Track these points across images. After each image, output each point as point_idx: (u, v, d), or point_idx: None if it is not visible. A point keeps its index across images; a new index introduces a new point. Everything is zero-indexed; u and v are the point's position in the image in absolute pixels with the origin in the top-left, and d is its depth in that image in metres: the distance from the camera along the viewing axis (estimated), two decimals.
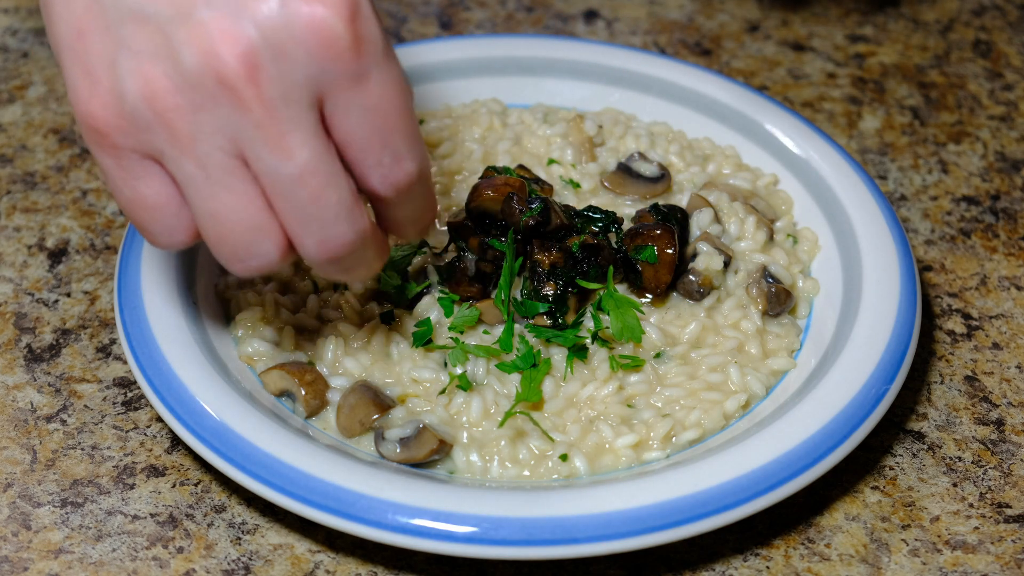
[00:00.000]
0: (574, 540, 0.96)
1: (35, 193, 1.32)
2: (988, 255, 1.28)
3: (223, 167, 0.91)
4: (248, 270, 0.95)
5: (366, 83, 0.91)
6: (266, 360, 1.11)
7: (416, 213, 0.99)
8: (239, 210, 0.92)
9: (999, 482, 1.09)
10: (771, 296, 1.14)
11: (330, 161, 0.91)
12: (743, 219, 1.19)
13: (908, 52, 1.52)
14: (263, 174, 0.91)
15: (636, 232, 1.13)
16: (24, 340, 1.18)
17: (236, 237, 0.93)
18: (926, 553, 1.04)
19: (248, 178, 0.92)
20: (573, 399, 1.07)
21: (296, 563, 1.02)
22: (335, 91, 0.90)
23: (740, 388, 1.09)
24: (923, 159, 1.38)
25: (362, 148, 0.93)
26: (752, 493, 0.99)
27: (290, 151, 0.90)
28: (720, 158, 1.28)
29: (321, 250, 0.94)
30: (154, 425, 1.12)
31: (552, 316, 1.10)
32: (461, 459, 1.04)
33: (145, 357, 1.06)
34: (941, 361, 1.19)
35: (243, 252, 0.94)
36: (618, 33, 1.54)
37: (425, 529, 0.96)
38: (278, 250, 0.94)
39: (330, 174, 0.91)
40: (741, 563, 1.03)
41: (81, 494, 1.06)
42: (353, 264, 0.97)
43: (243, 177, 0.91)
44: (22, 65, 1.47)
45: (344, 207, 0.93)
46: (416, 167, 0.95)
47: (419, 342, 1.09)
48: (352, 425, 1.06)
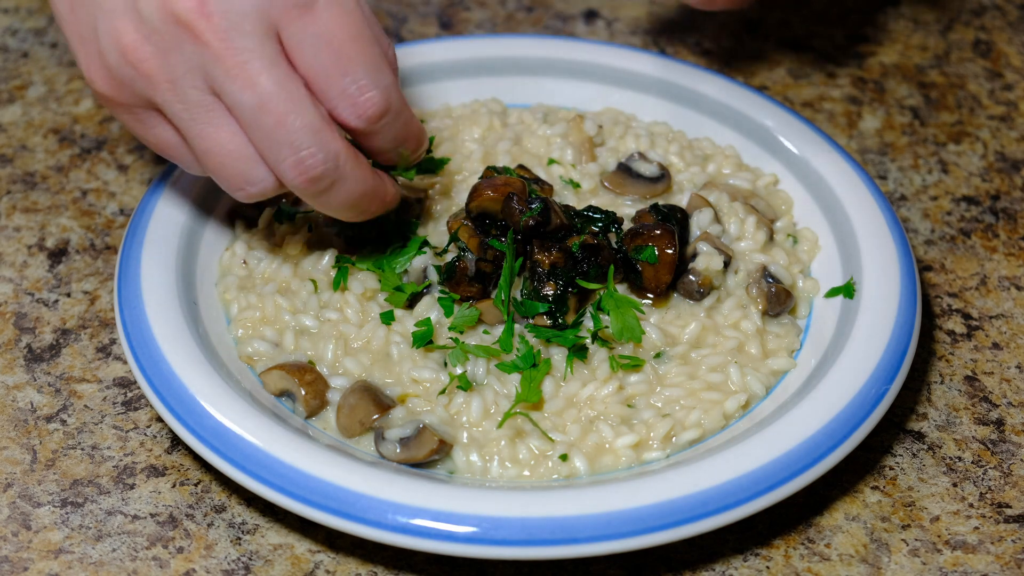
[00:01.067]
0: (574, 540, 0.96)
1: (35, 193, 1.32)
2: (988, 255, 1.28)
3: (202, 105, 0.96)
4: (251, 196, 1.01)
5: (314, 11, 0.95)
6: (266, 360, 1.11)
7: (394, 142, 1.02)
8: (225, 143, 0.97)
9: (999, 482, 1.09)
10: (771, 296, 1.14)
11: (292, 88, 0.95)
12: (743, 219, 1.19)
13: (908, 52, 1.52)
14: (232, 106, 0.96)
15: (636, 232, 1.13)
16: (24, 340, 1.18)
17: (230, 168, 0.99)
18: (926, 553, 1.04)
19: (225, 111, 0.97)
20: (573, 399, 1.07)
21: (296, 563, 1.02)
22: (285, 21, 0.95)
23: (740, 388, 1.09)
24: (923, 159, 1.38)
25: (323, 78, 0.96)
26: (752, 493, 0.99)
27: (251, 80, 0.94)
28: (720, 158, 1.28)
29: (297, 174, 0.97)
30: (154, 425, 1.12)
31: (552, 316, 1.10)
32: (461, 459, 1.04)
33: (145, 357, 1.06)
34: (941, 361, 1.19)
35: (241, 181, 0.99)
36: (618, 33, 1.54)
37: (425, 529, 0.96)
38: (271, 174, 0.99)
39: (292, 100, 0.95)
40: (741, 563, 1.03)
41: (81, 494, 1.06)
42: (339, 190, 1.00)
43: (222, 111, 0.97)
44: (22, 65, 1.47)
45: (310, 130, 0.96)
46: (381, 95, 0.98)
47: (419, 342, 1.09)
48: (352, 425, 1.06)
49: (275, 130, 0.96)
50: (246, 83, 0.95)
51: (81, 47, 1.00)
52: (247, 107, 0.95)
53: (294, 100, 0.95)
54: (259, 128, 0.96)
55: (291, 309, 1.13)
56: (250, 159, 0.98)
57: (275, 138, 0.96)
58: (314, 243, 1.18)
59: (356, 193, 1.01)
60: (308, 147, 0.96)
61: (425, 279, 1.14)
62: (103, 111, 1.41)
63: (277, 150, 0.97)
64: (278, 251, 1.18)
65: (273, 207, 1.21)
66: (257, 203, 1.21)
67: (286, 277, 1.16)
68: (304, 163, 0.97)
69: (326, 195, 1.00)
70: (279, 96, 0.95)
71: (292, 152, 0.96)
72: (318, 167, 0.97)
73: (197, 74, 0.95)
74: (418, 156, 1.07)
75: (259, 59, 0.94)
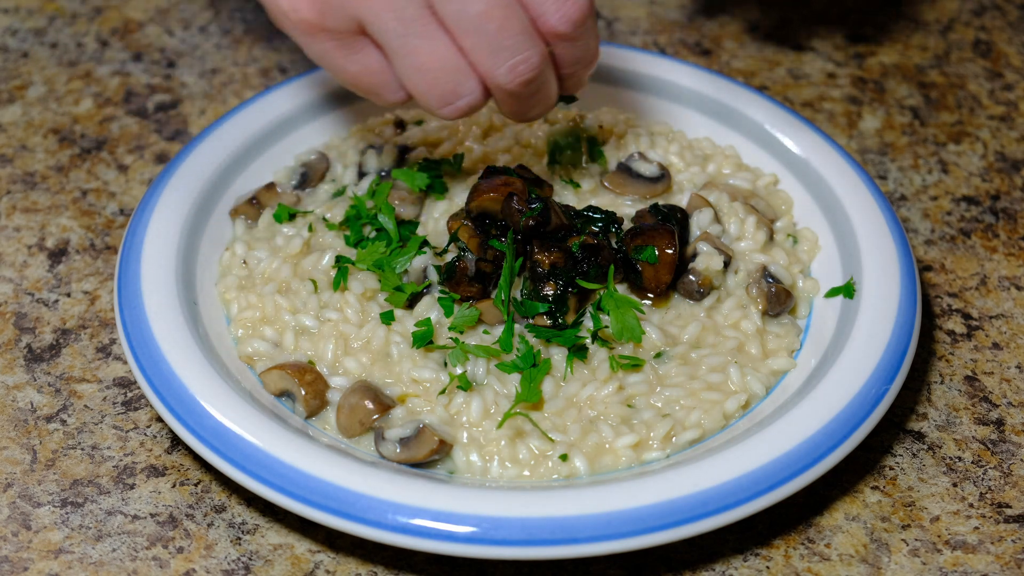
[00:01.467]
0: (574, 540, 0.96)
1: (35, 193, 1.32)
2: (988, 255, 1.28)
3: (419, 20, 1.00)
4: (458, 110, 1.05)
5: None
6: (266, 360, 1.11)
7: (584, 53, 1.06)
8: (440, 56, 1.02)
9: (999, 482, 1.09)
10: (771, 296, 1.14)
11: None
12: (743, 219, 1.19)
13: (908, 52, 1.52)
14: (451, 16, 1.00)
15: (636, 232, 1.13)
16: (24, 340, 1.18)
17: (443, 82, 1.03)
18: (926, 553, 1.04)
19: (440, 26, 1.01)
20: (573, 399, 1.07)
21: (296, 563, 1.02)
22: None
23: (740, 388, 1.09)
24: (923, 159, 1.38)
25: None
26: (752, 493, 0.99)
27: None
28: (720, 158, 1.28)
29: (513, 77, 1.02)
30: (154, 425, 1.12)
31: (552, 316, 1.10)
32: (461, 459, 1.04)
33: (145, 357, 1.06)
34: (941, 361, 1.19)
35: (451, 95, 1.04)
36: (618, 33, 1.54)
37: (425, 529, 0.96)
38: (479, 86, 1.04)
39: (509, 5, 1.00)
40: (741, 563, 1.03)
41: (81, 494, 1.06)
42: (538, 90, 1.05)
43: (437, 26, 1.01)
44: (22, 65, 1.47)
45: (527, 33, 1.02)
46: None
47: (419, 342, 1.09)
48: (352, 425, 1.06)
49: (496, 35, 1.00)
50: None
51: None
52: (470, 16, 1.00)
53: (511, 7, 1.00)
54: (480, 35, 1.00)
55: (291, 309, 1.13)
56: (462, 71, 1.02)
57: (496, 42, 1.01)
58: (314, 243, 1.18)
59: (551, 96, 1.08)
60: (525, 51, 1.02)
61: (425, 279, 1.14)
62: (103, 111, 1.41)
63: (496, 55, 1.01)
64: (278, 251, 1.18)
65: (273, 207, 1.21)
66: (257, 203, 1.21)
67: (286, 277, 1.16)
68: (519, 67, 1.02)
69: (531, 98, 1.06)
70: (500, 2, 1.00)
71: (510, 56, 1.02)
72: (532, 71, 1.03)
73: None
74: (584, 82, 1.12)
75: None
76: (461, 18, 1.00)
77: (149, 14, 1.53)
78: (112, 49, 1.48)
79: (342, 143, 1.28)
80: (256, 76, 1.46)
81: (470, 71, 1.03)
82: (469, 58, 1.02)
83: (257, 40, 1.50)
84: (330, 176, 1.26)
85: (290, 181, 1.24)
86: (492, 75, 1.03)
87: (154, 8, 1.54)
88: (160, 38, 1.50)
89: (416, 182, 1.20)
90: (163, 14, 1.53)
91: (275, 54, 1.48)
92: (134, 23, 1.52)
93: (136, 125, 1.39)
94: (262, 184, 1.24)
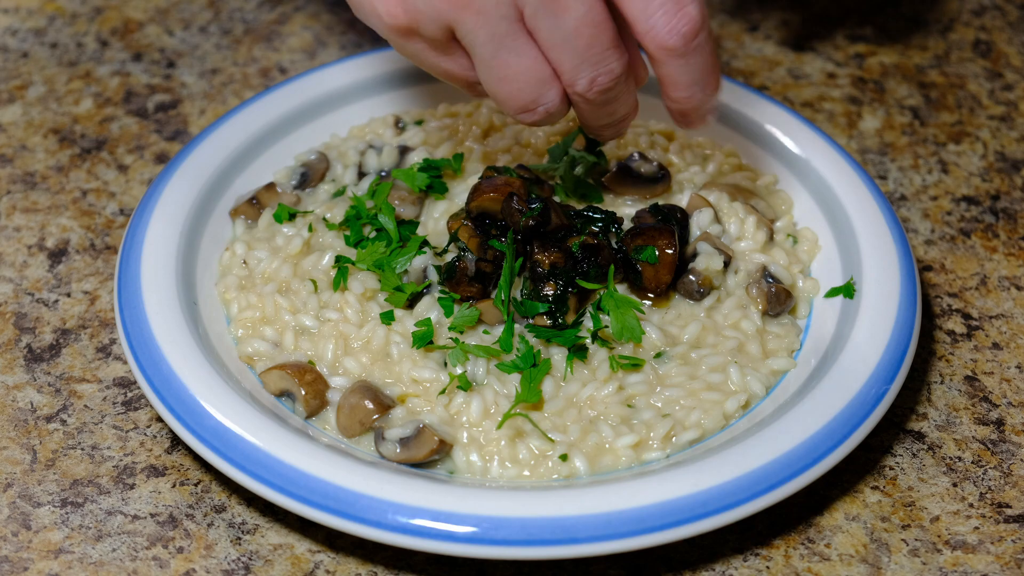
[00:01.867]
0: (574, 540, 0.96)
1: (35, 193, 1.32)
2: (988, 255, 1.28)
3: (510, 32, 1.01)
4: (538, 117, 1.06)
5: None
6: (266, 360, 1.11)
7: (700, 73, 1.05)
8: (527, 67, 1.03)
9: (999, 482, 1.09)
10: (771, 296, 1.14)
11: (601, 9, 1.00)
12: (743, 219, 1.19)
13: (908, 52, 1.52)
14: (543, 30, 1.01)
15: (636, 232, 1.13)
16: (24, 340, 1.18)
17: (527, 92, 1.04)
18: (926, 553, 1.04)
19: (529, 38, 1.02)
20: (573, 399, 1.07)
21: (296, 563, 1.02)
22: None
23: (740, 388, 1.09)
24: (923, 159, 1.38)
25: None
26: (752, 493, 0.99)
27: (566, 5, 1.00)
28: (720, 158, 1.28)
29: (592, 86, 1.03)
30: (154, 425, 1.12)
31: (552, 316, 1.10)
32: (461, 459, 1.04)
33: (145, 357, 1.06)
34: (941, 361, 1.19)
35: (532, 103, 1.05)
36: None
37: (425, 529, 0.96)
38: (560, 95, 1.05)
39: (601, 21, 1.01)
40: (741, 563, 1.03)
41: (81, 494, 1.06)
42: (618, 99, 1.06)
43: (526, 37, 1.02)
44: (22, 65, 1.47)
45: (613, 46, 1.02)
46: (699, 11, 1.01)
47: (419, 342, 1.09)
48: (352, 425, 1.06)
49: (584, 50, 1.01)
50: (562, 7, 1.00)
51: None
52: (562, 31, 1.00)
53: (602, 22, 1.01)
54: (569, 49, 1.01)
55: (291, 309, 1.13)
56: (546, 81, 1.04)
57: (583, 57, 1.02)
58: (314, 243, 1.18)
59: (629, 105, 1.09)
60: (608, 63, 1.02)
61: (425, 279, 1.14)
62: (103, 111, 1.41)
63: (580, 69, 1.02)
64: (278, 251, 1.18)
65: (273, 207, 1.21)
66: (257, 203, 1.21)
67: (286, 277, 1.16)
68: (601, 77, 1.03)
69: (606, 106, 1.07)
70: (592, 19, 1.00)
71: (594, 69, 1.02)
72: (611, 81, 1.03)
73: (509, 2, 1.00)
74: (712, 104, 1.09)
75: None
76: (553, 33, 1.01)
77: (149, 14, 1.53)
78: (112, 49, 1.48)
79: (342, 143, 1.28)
80: (256, 76, 1.46)
81: (553, 80, 1.04)
82: (553, 67, 1.04)
83: (257, 40, 1.50)
84: (330, 176, 1.26)
85: (290, 181, 1.24)
86: (572, 84, 1.04)
87: (154, 8, 1.54)
88: (160, 38, 1.50)
89: (416, 182, 1.20)
90: (163, 14, 1.53)
91: (275, 54, 1.48)
92: (134, 23, 1.52)
93: (136, 125, 1.39)
94: (262, 184, 1.24)
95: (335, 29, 1.51)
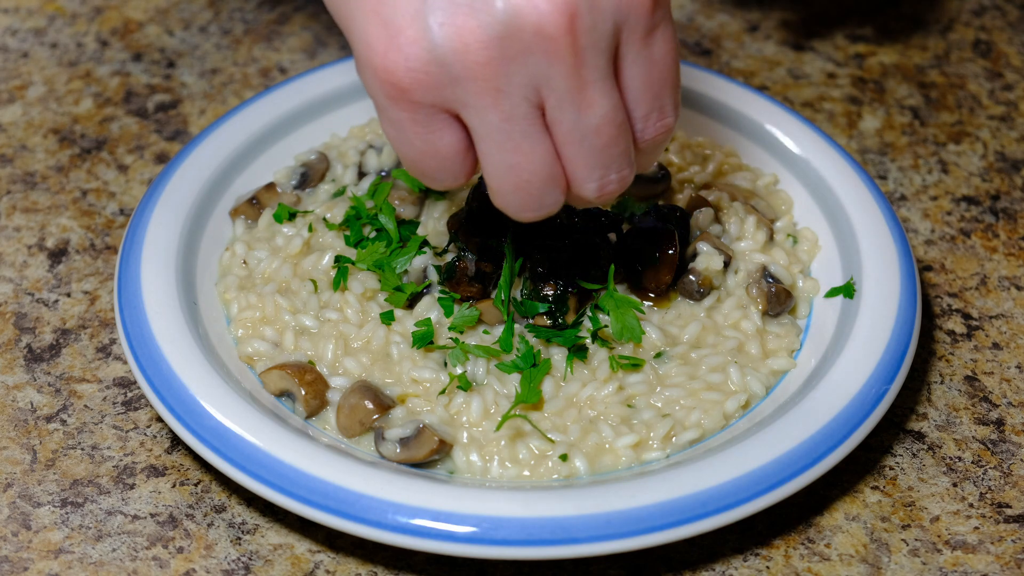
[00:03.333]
0: (574, 540, 0.96)
1: (35, 193, 1.32)
2: (988, 255, 1.28)
3: (527, 119, 0.92)
4: (534, 217, 0.98)
5: (655, 35, 0.93)
6: (266, 360, 1.11)
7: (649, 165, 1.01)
8: (537, 161, 0.94)
9: (999, 482, 1.09)
10: (771, 296, 1.14)
11: (623, 111, 0.94)
12: (743, 219, 1.19)
13: (908, 52, 1.52)
14: (562, 123, 0.93)
15: (636, 232, 1.13)
16: (24, 340, 1.18)
17: (531, 188, 0.95)
18: (926, 553, 1.04)
19: (544, 129, 0.93)
20: (573, 399, 1.07)
21: (296, 563, 1.02)
22: (629, 41, 0.92)
23: (740, 388, 1.09)
24: (923, 159, 1.38)
25: (636, 99, 0.95)
26: (752, 493, 0.99)
27: (592, 102, 0.92)
28: (720, 158, 1.28)
29: (600, 191, 0.97)
30: (154, 425, 1.12)
31: (552, 316, 1.10)
32: (461, 459, 1.04)
33: (145, 357, 1.06)
34: (941, 361, 1.19)
35: (535, 202, 0.96)
36: None
37: (425, 529, 0.96)
38: (563, 197, 0.97)
39: (622, 123, 0.94)
40: (741, 563, 1.03)
41: (81, 494, 1.06)
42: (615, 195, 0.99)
43: (542, 128, 0.93)
44: (22, 65, 1.47)
45: (629, 153, 0.96)
46: (674, 120, 0.98)
47: (419, 342, 1.09)
48: (352, 425, 1.06)
49: (603, 152, 0.94)
50: (588, 104, 0.92)
51: (383, 30, 0.91)
52: (581, 128, 0.93)
53: (623, 123, 0.95)
54: (585, 148, 0.94)
55: (291, 309, 1.13)
56: (552, 180, 0.95)
57: (598, 159, 0.95)
58: (314, 243, 1.18)
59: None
60: (621, 169, 0.96)
61: (425, 279, 1.14)
62: (103, 111, 1.41)
63: (592, 170, 0.95)
64: (278, 251, 1.18)
65: (273, 207, 1.21)
66: (257, 203, 1.21)
67: (286, 277, 1.16)
68: (609, 185, 0.97)
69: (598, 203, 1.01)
70: (615, 119, 0.93)
71: (607, 172, 0.96)
72: (619, 187, 0.97)
73: (532, 87, 0.91)
74: None
75: (605, 79, 0.92)
76: (574, 129, 0.93)
77: (149, 14, 1.53)
78: (112, 49, 1.48)
79: (342, 143, 1.28)
80: (256, 76, 1.46)
81: (560, 180, 0.96)
82: (564, 164, 0.95)
83: (257, 40, 1.50)
84: (330, 176, 1.26)
85: (290, 181, 1.24)
86: (580, 186, 0.96)
87: (154, 8, 1.54)
88: (160, 38, 1.50)
89: (416, 182, 1.20)
90: (163, 14, 1.53)
91: (275, 54, 1.48)
92: (134, 23, 1.52)
93: (136, 125, 1.39)
94: (262, 184, 1.24)
95: (335, 29, 1.51)
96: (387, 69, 0.92)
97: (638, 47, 0.92)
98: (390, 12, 0.91)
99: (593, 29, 0.90)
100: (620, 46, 0.92)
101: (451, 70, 0.90)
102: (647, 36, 0.92)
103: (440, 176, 0.98)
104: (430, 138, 0.95)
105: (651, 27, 0.92)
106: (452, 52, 0.90)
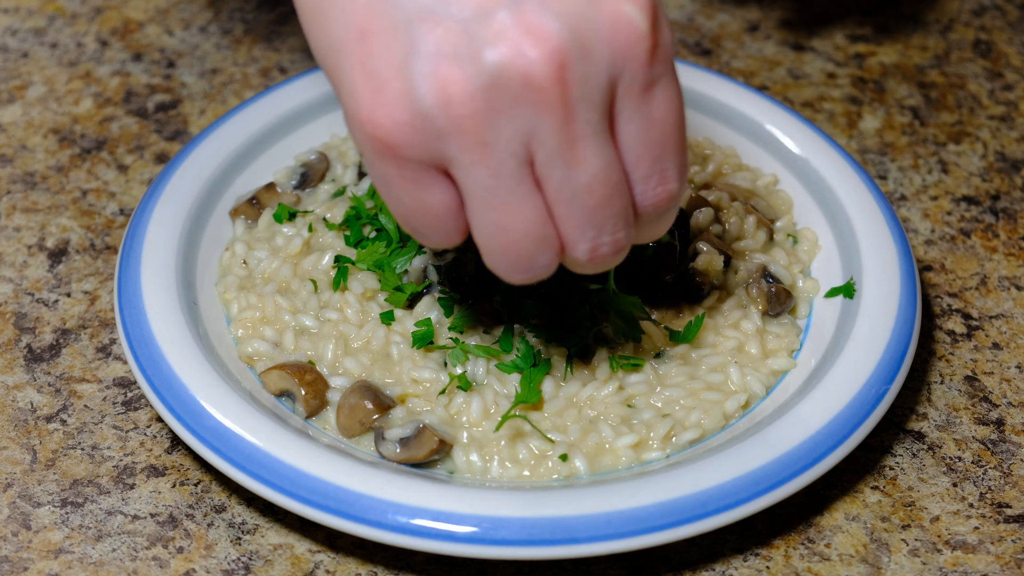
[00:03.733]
0: (574, 540, 0.96)
1: (35, 193, 1.32)
2: (988, 255, 1.28)
3: (515, 176, 0.86)
4: (524, 280, 0.92)
5: (653, 92, 0.87)
6: (266, 360, 1.11)
7: (655, 235, 0.95)
8: (527, 221, 0.88)
9: (999, 482, 1.09)
10: (771, 296, 1.14)
11: (618, 169, 0.88)
12: (743, 219, 1.19)
13: (908, 52, 1.52)
14: (551, 180, 0.87)
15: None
16: (24, 340, 1.18)
17: (521, 248, 0.89)
18: (926, 553, 1.04)
19: (535, 186, 0.87)
20: (573, 399, 1.07)
21: (296, 563, 1.02)
22: (626, 96, 0.87)
23: (740, 388, 1.09)
24: (923, 159, 1.38)
25: (634, 160, 0.89)
26: (752, 493, 0.99)
27: (584, 158, 0.86)
28: (720, 158, 1.28)
29: (592, 255, 0.90)
30: (154, 425, 1.12)
31: (552, 316, 1.10)
32: (461, 459, 1.04)
33: (145, 357, 1.06)
34: (941, 361, 1.19)
35: (525, 264, 0.90)
36: None
37: (425, 529, 0.96)
38: (556, 259, 0.91)
39: (617, 183, 0.88)
40: (741, 563, 1.03)
41: (81, 494, 1.06)
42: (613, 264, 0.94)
43: (532, 185, 0.87)
44: (22, 65, 1.47)
45: (625, 214, 0.90)
46: (678, 188, 0.91)
47: (419, 342, 1.09)
48: (352, 425, 1.06)
49: (595, 212, 0.88)
50: (579, 160, 0.86)
51: (367, 82, 0.86)
52: (572, 185, 0.87)
53: (618, 183, 0.88)
54: (576, 207, 0.88)
55: (291, 309, 1.13)
56: (543, 241, 0.89)
57: (591, 219, 0.88)
58: (314, 243, 1.18)
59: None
60: (615, 232, 0.90)
61: (425, 279, 1.14)
62: (103, 111, 1.41)
63: (584, 231, 0.89)
64: (278, 251, 1.18)
65: (273, 207, 1.21)
66: (257, 203, 1.21)
67: (286, 277, 1.16)
68: (601, 248, 0.90)
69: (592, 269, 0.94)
70: (608, 178, 0.87)
71: (599, 235, 0.89)
72: (614, 252, 0.91)
73: (520, 141, 0.85)
74: None
75: (598, 135, 0.86)
76: (563, 186, 0.87)
77: (149, 14, 1.53)
78: (112, 49, 1.48)
79: (342, 143, 1.28)
80: (256, 76, 1.46)
81: (552, 241, 0.89)
82: (555, 224, 0.89)
83: (257, 40, 1.50)
84: (330, 176, 1.26)
85: (290, 181, 1.24)
86: (572, 247, 0.90)
87: (154, 8, 1.54)
88: (160, 38, 1.50)
89: None
90: (163, 14, 1.53)
91: (275, 54, 1.48)
92: (134, 23, 1.52)
93: (136, 125, 1.39)
94: (262, 184, 1.24)
95: None
96: (374, 124, 0.86)
97: (635, 102, 0.87)
98: (376, 65, 0.86)
99: (585, 81, 0.84)
100: (616, 100, 0.87)
101: (436, 124, 0.85)
102: (645, 91, 0.87)
103: (432, 234, 0.92)
104: (420, 195, 0.89)
105: (649, 81, 0.86)
106: (436, 105, 0.84)
